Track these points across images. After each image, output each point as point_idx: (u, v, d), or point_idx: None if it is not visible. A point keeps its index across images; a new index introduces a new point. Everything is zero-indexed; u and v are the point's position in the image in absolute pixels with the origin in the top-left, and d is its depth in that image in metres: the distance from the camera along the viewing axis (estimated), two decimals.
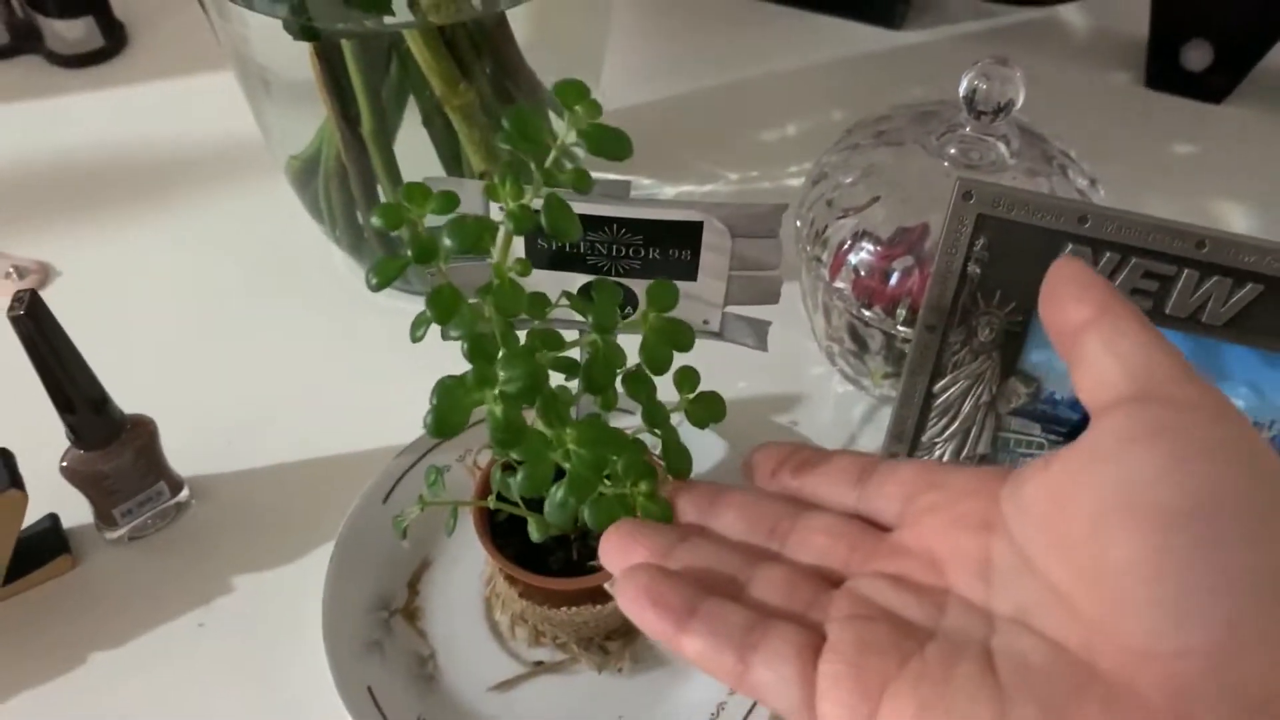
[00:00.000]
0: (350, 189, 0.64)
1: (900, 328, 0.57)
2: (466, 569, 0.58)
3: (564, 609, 0.50)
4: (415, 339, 0.41)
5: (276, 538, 0.60)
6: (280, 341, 0.70)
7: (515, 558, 0.50)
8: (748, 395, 0.67)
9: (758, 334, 0.45)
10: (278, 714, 0.53)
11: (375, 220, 0.38)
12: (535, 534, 0.49)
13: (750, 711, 0.51)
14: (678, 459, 0.42)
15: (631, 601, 0.35)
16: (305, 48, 0.58)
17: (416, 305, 0.72)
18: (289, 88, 0.64)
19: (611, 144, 0.36)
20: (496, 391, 0.36)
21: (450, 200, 0.38)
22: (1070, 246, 0.48)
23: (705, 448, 0.60)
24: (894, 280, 0.58)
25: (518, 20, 0.62)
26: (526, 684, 0.54)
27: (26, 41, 0.89)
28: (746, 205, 0.41)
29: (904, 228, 0.58)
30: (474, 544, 0.58)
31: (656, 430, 0.42)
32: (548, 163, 0.36)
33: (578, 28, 0.69)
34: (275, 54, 0.62)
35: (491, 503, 0.48)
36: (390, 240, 0.68)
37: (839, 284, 0.59)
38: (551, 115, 0.52)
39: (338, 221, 0.67)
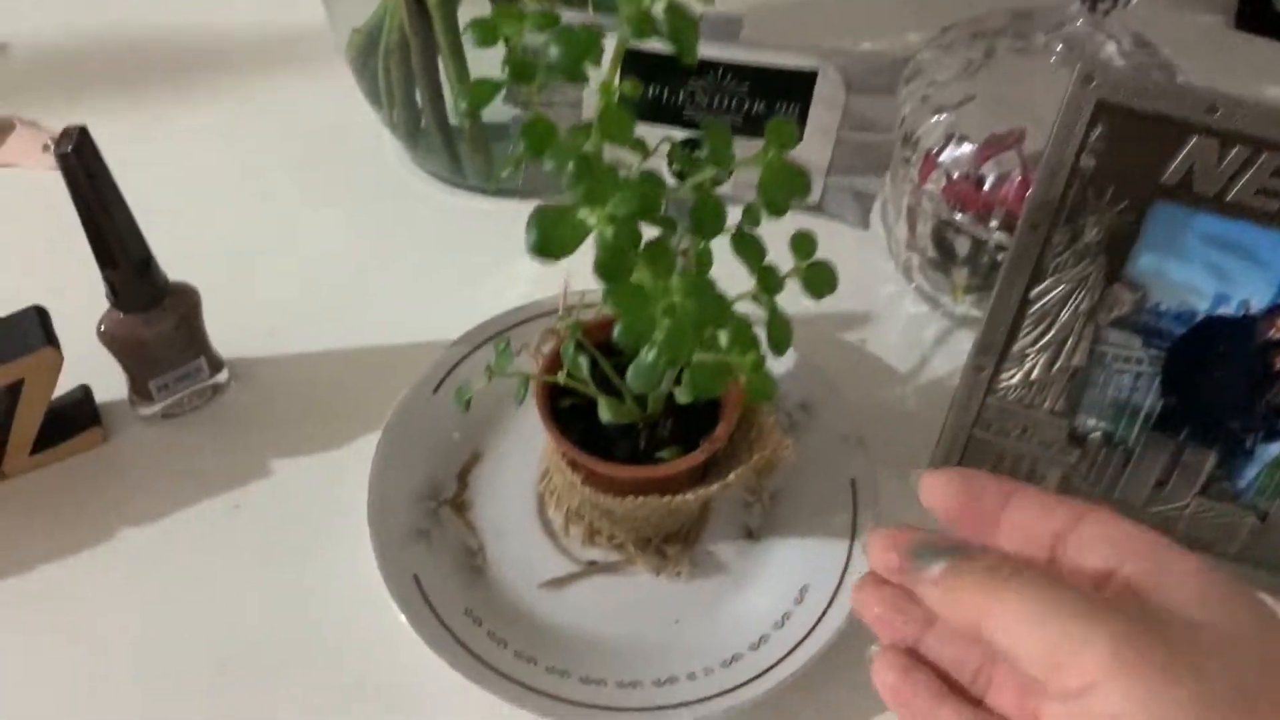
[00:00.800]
0: (410, 65, 0.61)
1: (996, 233, 0.54)
2: (518, 464, 0.55)
3: (629, 499, 0.46)
4: (497, 181, 0.38)
5: (318, 425, 0.57)
6: (329, 229, 0.67)
7: (578, 445, 0.47)
8: (813, 311, 0.63)
9: (861, 209, 0.42)
10: (317, 599, 0.50)
11: (469, 34, 0.35)
12: (606, 415, 0.46)
13: (816, 623, 0.48)
14: (781, 332, 0.39)
15: (882, 688, 0.34)
16: None
17: (463, 199, 0.71)
18: None
19: None
20: (607, 211, 0.32)
21: (549, 17, 0.35)
22: (1195, 139, 0.44)
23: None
24: (989, 185, 0.54)
25: None
26: (579, 583, 0.51)
27: None
28: (869, 53, 0.38)
29: (997, 134, 0.55)
30: (527, 439, 0.55)
31: (762, 297, 0.39)
32: None
33: None
34: None
35: (562, 378, 0.45)
36: (450, 131, 0.64)
37: (929, 186, 0.55)
38: None
39: (395, 102, 0.64)
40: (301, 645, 0.49)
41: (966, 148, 0.55)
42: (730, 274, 0.40)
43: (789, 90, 0.38)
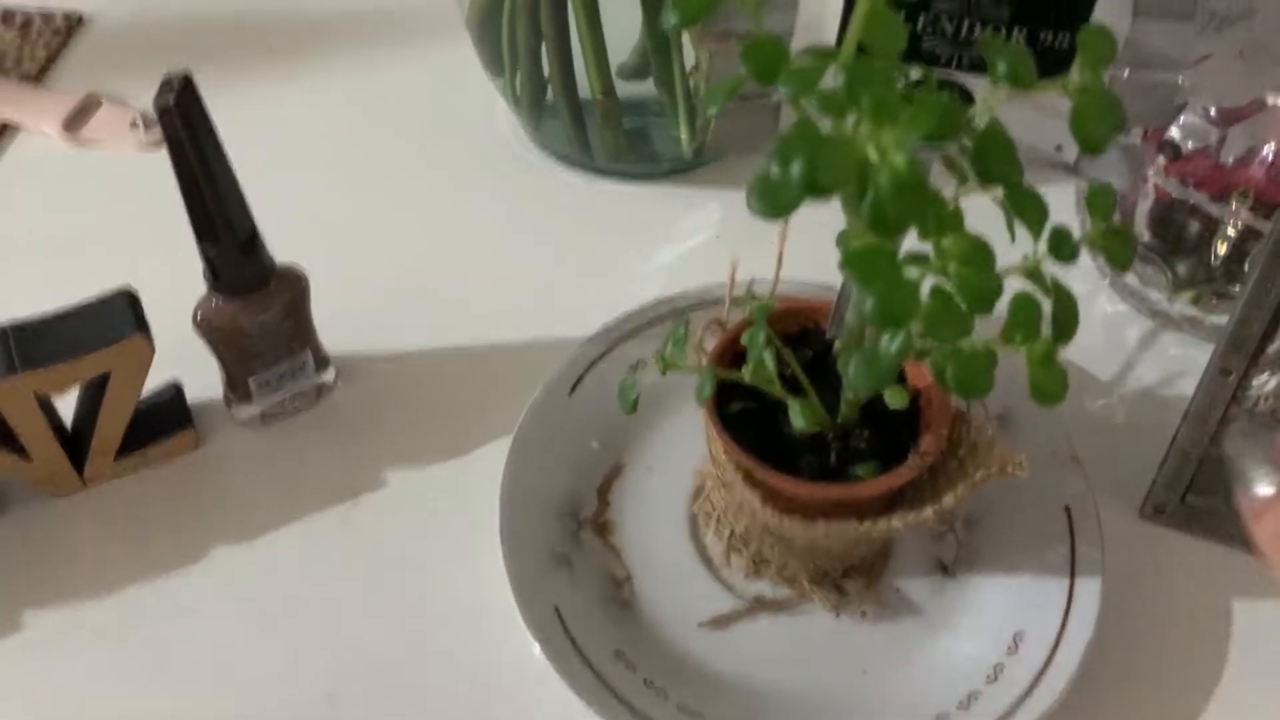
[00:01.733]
0: (539, 26, 0.54)
1: (1245, 213, 0.45)
2: (667, 479, 0.47)
3: (818, 524, 0.39)
4: (709, 117, 0.31)
5: (436, 430, 0.50)
6: (443, 213, 0.60)
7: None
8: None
9: (1131, 168, 0.34)
10: (439, 628, 0.43)
11: None
12: (800, 421, 0.38)
13: (1038, 677, 0.40)
14: (1069, 314, 0.31)
15: None
16: None
17: (588, 181, 0.63)
18: None
19: None
20: (897, 134, 0.24)
21: None
22: None
23: None
24: (1231, 160, 0.46)
25: None
26: (743, 623, 0.43)
27: None
28: None
29: (1231, 109, 0.46)
30: (675, 449, 0.48)
31: (1046, 275, 0.31)
32: None
33: None
34: None
35: (747, 375, 0.38)
36: (579, 106, 0.57)
37: (1154, 162, 0.47)
38: None
39: (520, 71, 0.57)
40: (420, 679, 0.42)
41: (1203, 114, 0.46)
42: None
43: (1060, 14, 0.30)
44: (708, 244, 0.58)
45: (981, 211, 0.30)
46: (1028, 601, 0.43)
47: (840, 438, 0.40)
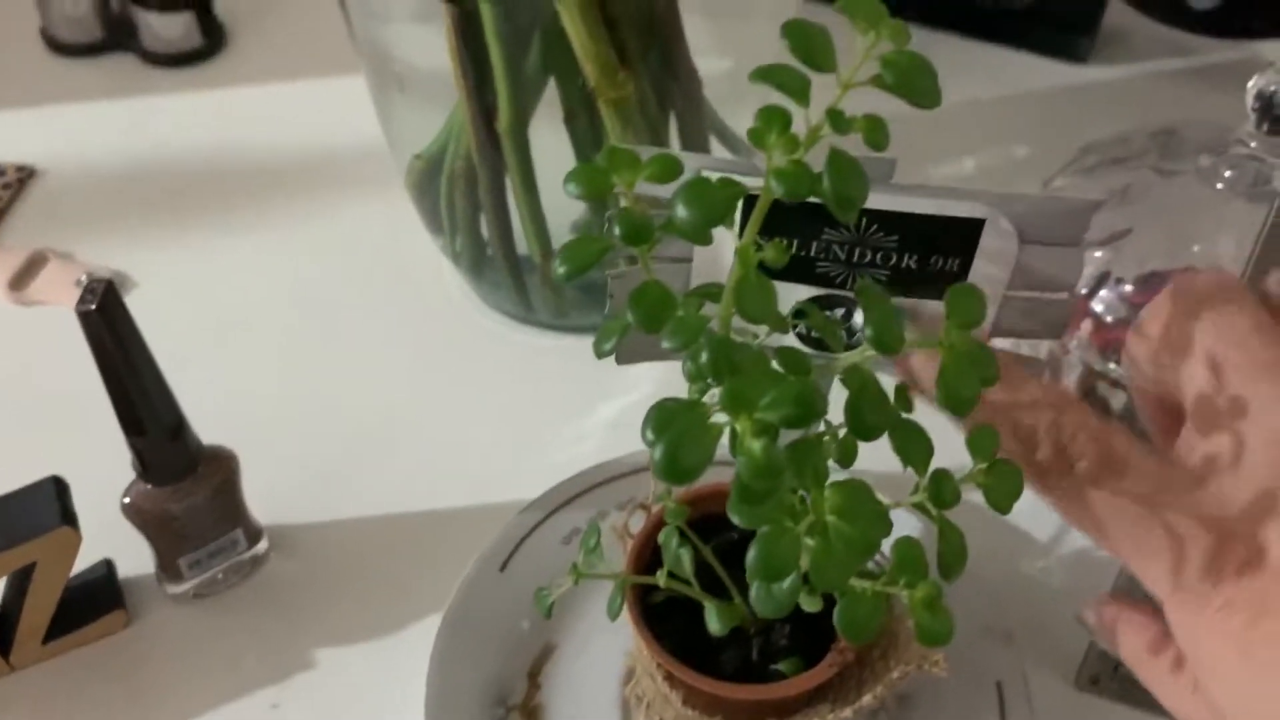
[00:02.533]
0: (477, 194, 0.55)
1: None
2: (599, 659, 0.47)
3: None
4: (601, 353, 0.31)
5: (370, 604, 0.49)
6: (383, 375, 0.60)
7: (674, 651, 0.39)
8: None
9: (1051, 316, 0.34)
10: None
11: (571, 187, 0.28)
12: (716, 627, 0.38)
13: None
14: (956, 556, 0.31)
15: None
16: (443, 36, 0.49)
17: (539, 338, 0.64)
18: (424, 82, 0.55)
19: (922, 80, 0.25)
20: (757, 418, 0.25)
21: (672, 166, 0.28)
22: None
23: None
24: None
25: (690, 14, 0.53)
26: None
27: (121, 38, 0.82)
28: (1050, 199, 0.31)
29: (1158, 272, 0.47)
30: (607, 628, 0.47)
31: (933, 511, 0.31)
32: (837, 101, 0.26)
33: (757, 34, 0.60)
34: (413, 41, 0.53)
35: (662, 580, 0.38)
36: (518, 264, 0.58)
37: (1078, 333, 0.48)
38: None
39: (459, 233, 0.57)
40: None
41: (1122, 289, 0.47)
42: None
43: (948, 242, 0.31)
44: (650, 398, 0.58)
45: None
46: None
47: (762, 633, 0.40)
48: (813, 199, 0.26)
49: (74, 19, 0.80)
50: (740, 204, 0.29)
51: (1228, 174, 0.46)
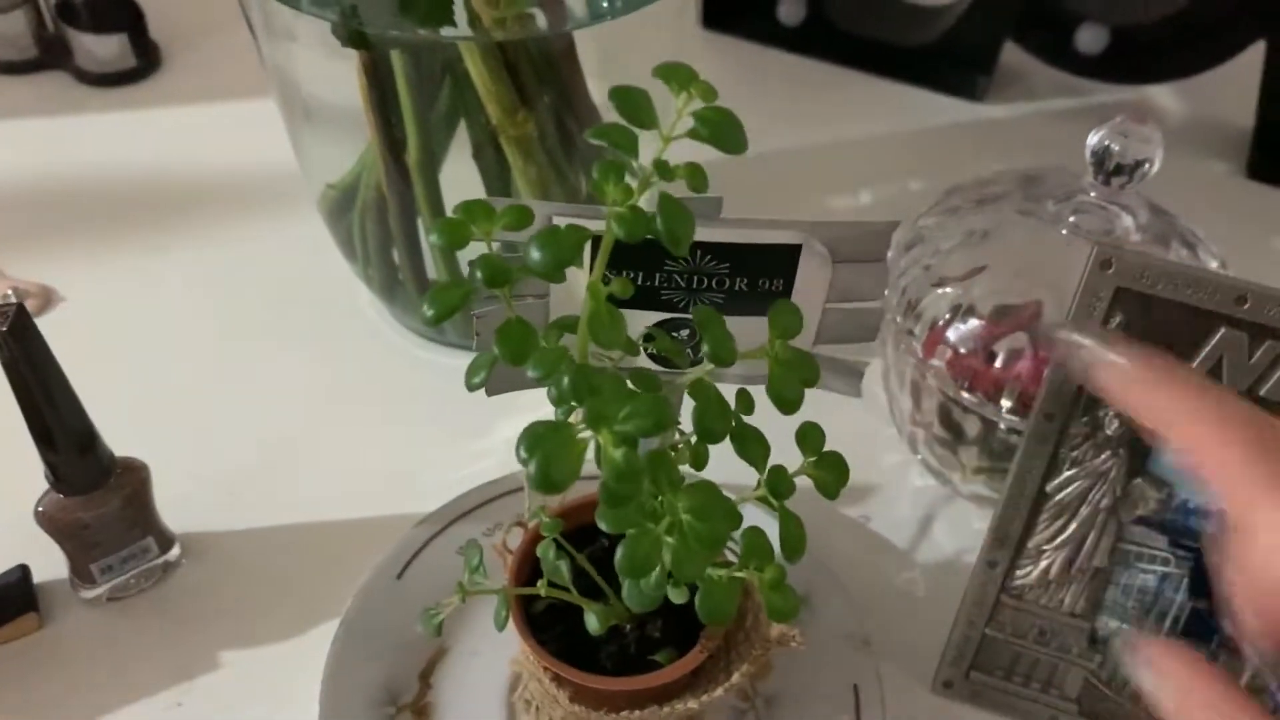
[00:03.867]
0: (388, 223, 0.58)
1: (1007, 415, 0.50)
2: (488, 664, 0.50)
3: (622, 714, 0.42)
4: (472, 386, 0.35)
5: (274, 609, 0.52)
6: (297, 389, 0.63)
7: (558, 653, 0.42)
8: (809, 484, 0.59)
9: (850, 378, 0.39)
10: None
11: (434, 238, 0.31)
12: (595, 626, 0.41)
13: None
14: (795, 539, 0.35)
15: None
16: (353, 71, 0.52)
17: (447, 357, 0.67)
18: (332, 114, 0.58)
19: (729, 132, 0.29)
20: (616, 430, 0.28)
21: (524, 215, 0.32)
22: (1223, 331, 0.41)
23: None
24: (1000, 362, 0.51)
25: (588, 57, 0.56)
26: None
27: (55, 57, 0.84)
28: (854, 223, 0.35)
29: (1008, 305, 0.51)
30: (496, 635, 0.50)
31: (774, 501, 0.35)
32: (660, 153, 0.29)
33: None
34: (321, 77, 0.56)
35: (542, 589, 0.41)
36: (428, 286, 0.61)
37: (934, 361, 0.52)
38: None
39: (371, 259, 0.61)
40: None
41: (975, 322, 0.51)
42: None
43: (773, 265, 0.35)
44: (550, 417, 0.62)
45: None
46: None
47: (638, 628, 0.44)
48: (650, 237, 0.30)
49: (8, 37, 0.82)
50: (589, 245, 0.32)
51: (1072, 219, 0.51)
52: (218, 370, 0.64)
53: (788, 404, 0.33)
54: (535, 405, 0.62)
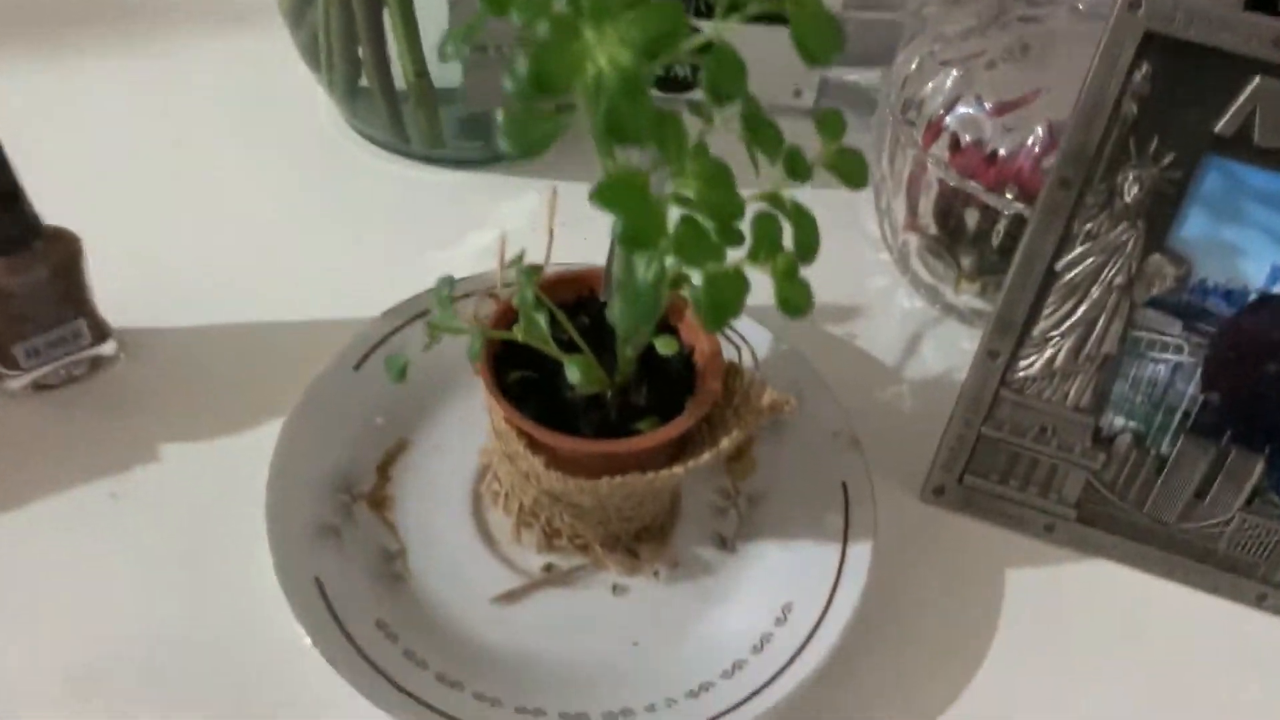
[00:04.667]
0: (352, 18, 0.53)
1: (1015, 203, 0.47)
2: (453, 459, 0.46)
3: (603, 481, 0.38)
4: (445, 57, 0.30)
5: (221, 406, 0.48)
6: (251, 193, 0.59)
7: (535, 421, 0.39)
8: None
9: (861, 105, 0.35)
10: (205, 604, 0.42)
11: None
12: (575, 377, 0.38)
13: (802, 647, 0.40)
14: (810, 237, 0.31)
15: None
16: None
17: (405, 168, 0.63)
18: None
19: None
20: (619, 36, 0.24)
21: None
22: (1258, 80, 0.38)
23: (755, 340, 0.50)
24: (1003, 152, 0.48)
25: None
26: (531, 599, 0.43)
27: None
28: None
29: (1005, 101, 0.48)
30: (464, 428, 0.47)
31: (784, 200, 0.31)
32: None
33: None
34: None
35: (519, 334, 0.37)
36: (393, 90, 0.57)
37: (933, 151, 0.48)
38: None
39: (334, 60, 0.56)
40: (182, 658, 0.40)
41: (978, 107, 0.48)
42: None
43: None
44: (521, 233, 0.58)
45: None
46: (799, 574, 0.43)
47: (619, 395, 0.40)
48: None
49: None
50: None
51: None
52: (172, 174, 0.59)
53: (814, 54, 0.28)
54: (510, 217, 0.59)
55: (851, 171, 0.31)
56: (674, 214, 0.29)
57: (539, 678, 0.40)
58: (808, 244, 0.31)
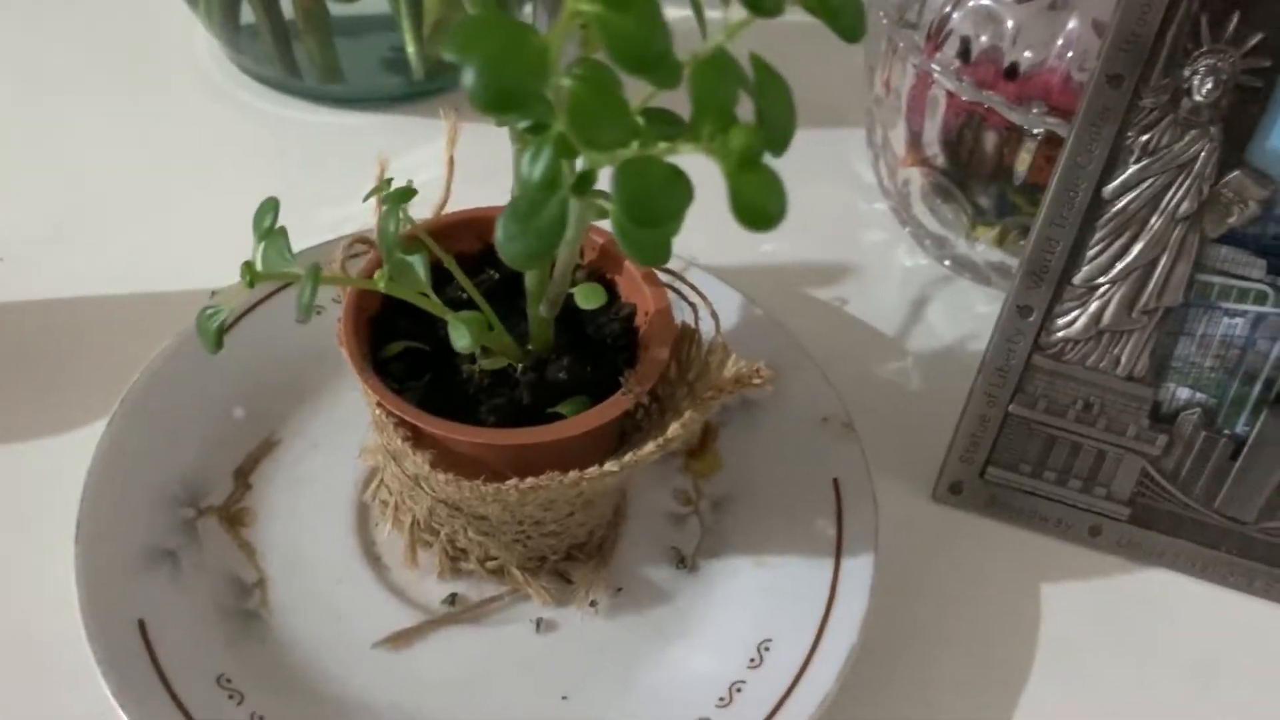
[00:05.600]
0: None
1: (1046, 118, 0.37)
2: (333, 460, 0.37)
3: (509, 484, 0.29)
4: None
5: (44, 393, 0.39)
6: (117, 144, 0.49)
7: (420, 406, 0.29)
8: (778, 261, 0.46)
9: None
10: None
11: None
12: (465, 341, 0.28)
13: (784, 697, 0.31)
14: (778, 104, 0.21)
15: None
16: None
17: (305, 113, 0.51)
18: None
19: None
20: None
21: None
22: None
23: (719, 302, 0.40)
24: (1027, 59, 0.38)
25: None
26: (429, 639, 0.33)
27: None
28: None
29: None
30: (349, 424, 0.37)
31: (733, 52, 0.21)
32: None
33: None
34: None
35: (382, 283, 0.27)
36: (281, 18, 0.47)
37: (939, 56, 0.39)
38: None
39: None
40: None
41: (992, 3, 0.38)
42: None
43: None
44: (426, 185, 0.48)
45: None
46: (779, 600, 0.33)
47: (534, 368, 0.30)
48: None
49: None
50: None
51: None
52: (21, 121, 0.49)
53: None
54: (426, 164, 0.49)
55: (844, 11, 0.21)
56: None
57: None
58: (777, 120, 0.20)
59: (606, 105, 0.18)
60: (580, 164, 0.22)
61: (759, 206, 0.19)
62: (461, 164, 0.35)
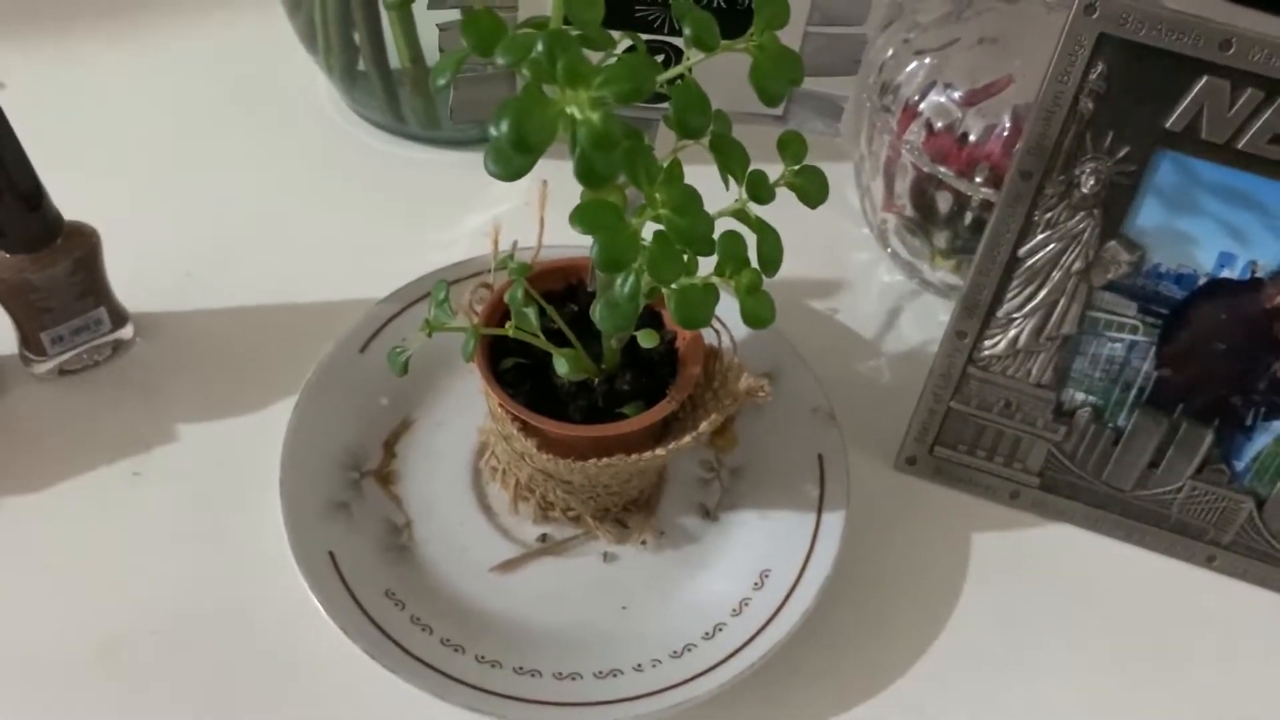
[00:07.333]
0: (348, 3, 0.55)
1: (983, 189, 0.49)
2: (454, 435, 0.49)
3: (591, 462, 0.42)
4: (437, 89, 0.33)
5: (232, 387, 0.51)
6: (254, 177, 0.61)
7: (527, 407, 0.42)
8: (781, 277, 0.58)
9: (829, 113, 0.37)
10: (223, 577, 0.45)
11: None
12: (564, 369, 0.41)
13: (777, 610, 0.44)
14: (773, 249, 0.34)
15: None
16: None
17: (408, 150, 0.65)
18: None
19: None
20: (592, 94, 0.27)
21: None
22: (1205, 79, 0.40)
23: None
24: (974, 137, 0.50)
25: None
26: (527, 567, 0.46)
27: None
28: None
29: (975, 89, 0.50)
30: (463, 406, 0.50)
31: (750, 215, 0.34)
32: None
33: None
34: None
35: (510, 330, 0.40)
36: (390, 74, 0.59)
37: (909, 137, 0.51)
38: None
39: (332, 44, 0.58)
40: (202, 628, 0.44)
41: (950, 95, 0.50)
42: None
43: None
44: (516, 211, 0.60)
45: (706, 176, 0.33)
46: (777, 542, 0.46)
47: (606, 382, 0.43)
48: None
49: None
50: None
51: None
52: (173, 161, 0.61)
53: (770, 95, 0.31)
54: (506, 196, 0.61)
55: (811, 191, 0.34)
56: (648, 230, 0.32)
57: (535, 641, 0.43)
58: (771, 258, 0.33)
59: (671, 260, 0.31)
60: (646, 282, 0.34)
61: (759, 316, 0.32)
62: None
